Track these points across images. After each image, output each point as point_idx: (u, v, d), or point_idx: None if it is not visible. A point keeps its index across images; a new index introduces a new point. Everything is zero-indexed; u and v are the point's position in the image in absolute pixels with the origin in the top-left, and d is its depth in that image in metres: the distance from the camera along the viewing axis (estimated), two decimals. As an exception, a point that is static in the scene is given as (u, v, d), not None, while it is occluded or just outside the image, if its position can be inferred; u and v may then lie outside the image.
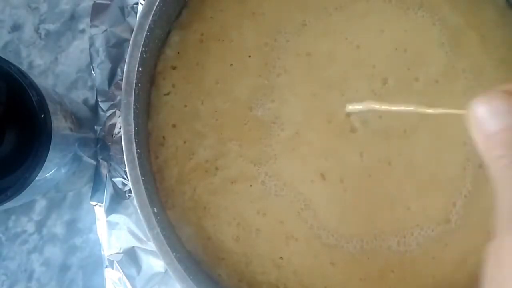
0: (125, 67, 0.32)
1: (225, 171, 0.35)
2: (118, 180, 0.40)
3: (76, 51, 0.45)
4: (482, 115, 0.22)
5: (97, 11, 0.42)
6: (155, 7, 0.32)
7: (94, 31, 0.41)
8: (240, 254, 0.34)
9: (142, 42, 0.32)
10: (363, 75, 0.35)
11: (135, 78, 0.32)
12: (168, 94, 0.36)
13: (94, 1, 0.42)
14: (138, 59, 0.32)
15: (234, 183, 0.35)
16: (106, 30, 0.41)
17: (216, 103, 0.35)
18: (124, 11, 0.42)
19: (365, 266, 0.34)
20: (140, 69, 0.32)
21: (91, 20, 0.42)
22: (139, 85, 0.32)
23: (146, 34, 0.32)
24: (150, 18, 0.32)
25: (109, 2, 0.42)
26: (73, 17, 0.45)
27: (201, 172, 0.35)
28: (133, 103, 0.31)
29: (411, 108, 0.26)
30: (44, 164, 0.31)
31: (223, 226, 0.34)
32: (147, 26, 0.32)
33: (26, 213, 0.43)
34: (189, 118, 0.35)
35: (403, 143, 0.35)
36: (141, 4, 0.41)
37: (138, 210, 0.31)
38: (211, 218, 0.35)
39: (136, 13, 0.42)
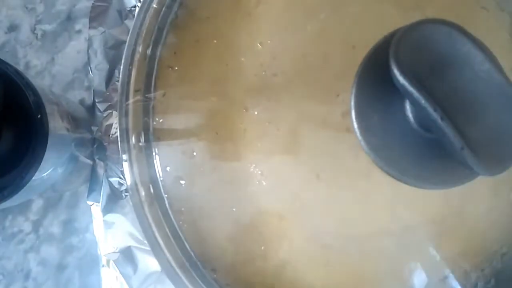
0: (121, 67, 0.32)
1: (222, 171, 0.35)
2: (114, 179, 0.40)
3: (72, 51, 0.45)
4: None
5: (95, 13, 0.42)
6: (151, 7, 0.32)
7: (92, 32, 0.42)
8: (237, 254, 0.34)
9: (138, 42, 0.32)
10: (359, 75, 0.35)
11: (131, 79, 0.32)
12: (164, 94, 0.36)
13: (93, 3, 0.42)
14: (134, 60, 0.32)
15: (231, 183, 0.35)
16: (104, 31, 0.42)
17: (211, 102, 0.35)
18: (122, 14, 0.42)
19: (364, 266, 0.34)
20: (136, 69, 0.32)
21: (90, 22, 0.42)
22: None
23: (142, 35, 0.32)
24: (146, 18, 0.32)
25: (107, 5, 0.42)
26: (70, 18, 0.45)
27: (197, 172, 0.35)
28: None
29: None
30: (41, 164, 0.31)
31: (219, 226, 0.34)
32: (143, 26, 0.32)
33: (23, 213, 0.43)
34: (185, 118, 0.35)
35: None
36: (138, 7, 0.41)
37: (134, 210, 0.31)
38: (207, 218, 0.35)
39: (134, 16, 0.42)
